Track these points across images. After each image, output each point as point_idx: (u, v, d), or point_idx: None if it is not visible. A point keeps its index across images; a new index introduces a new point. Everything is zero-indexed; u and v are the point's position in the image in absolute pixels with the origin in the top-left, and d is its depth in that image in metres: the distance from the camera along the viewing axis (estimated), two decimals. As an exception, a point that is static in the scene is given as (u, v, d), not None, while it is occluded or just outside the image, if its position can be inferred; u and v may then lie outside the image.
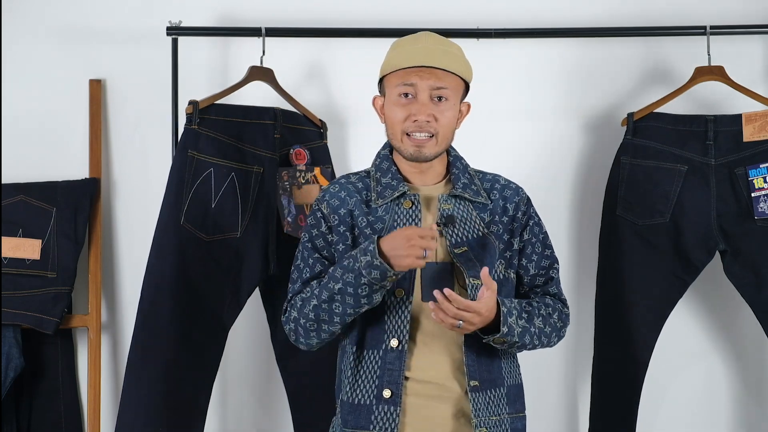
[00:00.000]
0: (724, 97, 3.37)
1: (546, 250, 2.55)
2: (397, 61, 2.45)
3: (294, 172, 3.21)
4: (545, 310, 2.48)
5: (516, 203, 2.52)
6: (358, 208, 2.47)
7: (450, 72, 2.44)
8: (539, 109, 3.46)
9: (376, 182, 2.49)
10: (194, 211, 3.11)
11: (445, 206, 2.46)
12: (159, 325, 3.06)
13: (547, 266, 2.54)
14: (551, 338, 2.49)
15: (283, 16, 3.40)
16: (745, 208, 3.21)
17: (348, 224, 2.47)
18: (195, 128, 3.12)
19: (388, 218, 2.46)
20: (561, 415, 3.47)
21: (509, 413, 2.45)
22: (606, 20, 3.42)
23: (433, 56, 2.43)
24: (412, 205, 2.46)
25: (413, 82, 2.42)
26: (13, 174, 3.32)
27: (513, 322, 2.36)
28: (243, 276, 3.15)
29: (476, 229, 2.47)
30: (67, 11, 3.40)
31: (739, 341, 3.48)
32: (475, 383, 2.40)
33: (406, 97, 2.44)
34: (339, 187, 2.51)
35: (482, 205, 2.50)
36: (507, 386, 2.46)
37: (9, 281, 3.19)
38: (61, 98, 3.39)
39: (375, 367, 2.41)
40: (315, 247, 2.48)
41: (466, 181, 2.50)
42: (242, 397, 3.45)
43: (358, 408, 2.41)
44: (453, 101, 2.45)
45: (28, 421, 3.26)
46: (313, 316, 2.40)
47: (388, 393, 2.39)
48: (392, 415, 2.38)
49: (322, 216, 2.49)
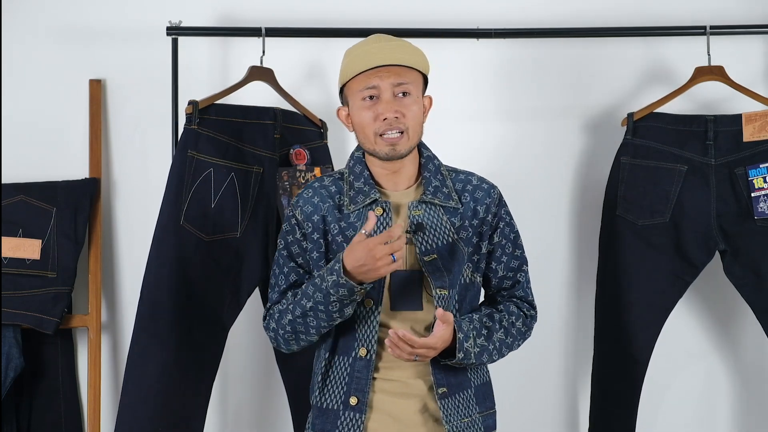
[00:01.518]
0: (724, 97, 3.38)
1: (516, 250, 2.56)
2: (355, 66, 2.46)
3: (294, 172, 3.21)
4: (507, 319, 2.50)
5: (486, 205, 2.52)
6: (331, 214, 2.50)
7: (408, 67, 2.46)
8: (539, 109, 3.46)
9: (349, 186, 2.51)
10: (194, 211, 3.11)
11: (415, 213, 2.47)
12: (158, 325, 3.06)
13: (516, 268, 2.55)
14: (513, 346, 2.53)
15: (283, 16, 3.40)
16: (745, 208, 3.21)
17: (321, 231, 2.50)
18: (195, 128, 3.12)
19: (360, 225, 2.47)
20: (561, 415, 3.47)
21: (479, 412, 2.50)
22: (606, 20, 3.42)
23: (390, 54, 2.45)
24: (383, 213, 2.47)
25: (375, 84, 2.44)
26: (13, 174, 3.32)
27: (470, 345, 2.41)
28: (243, 276, 3.15)
29: (446, 236, 2.48)
30: (67, 11, 3.40)
31: (739, 341, 3.48)
32: (443, 390, 2.45)
33: (371, 99, 2.45)
34: (312, 192, 2.53)
35: (453, 209, 2.50)
36: (474, 387, 2.50)
37: (9, 281, 3.19)
38: (61, 98, 3.39)
39: (344, 374, 2.47)
40: (290, 255, 2.53)
41: (437, 184, 2.50)
42: (242, 397, 3.45)
43: (326, 412, 2.48)
44: (416, 95, 2.47)
45: (28, 421, 3.26)
46: (290, 329, 2.47)
47: (355, 400, 2.44)
48: (357, 422, 2.44)
49: (297, 223, 2.52)
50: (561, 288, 3.47)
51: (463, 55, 3.43)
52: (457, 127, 3.43)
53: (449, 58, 3.41)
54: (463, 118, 3.45)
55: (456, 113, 3.44)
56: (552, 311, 3.44)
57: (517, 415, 3.43)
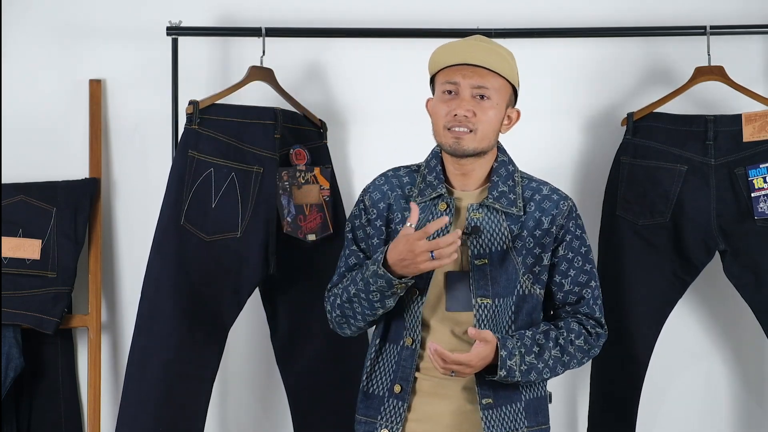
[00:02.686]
0: (724, 97, 3.37)
1: (586, 265, 2.54)
2: (442, 59, 2.50)
3: (294, 172, 3.21)
4: (566, 337, 2.47)
5: (552, 216, 2.51)
6: (397, 203, 2.53)
7: (493, 71, 2.47)
8: (539, 109, 3.46)
9: (422, 178, 2.54)
10: (194, 211, 3.11)
11: (474, 215, 2.48)
12: (159, 325, 3.06)
13: (583, 283, 2.53)
14: (570, 364, 2.49)
15: (283, 16, 3.40)
16: (745, 208, 3.21)
17: (384, 218, 2.54)
18: (195, 128, 3.12)
19: (423, 218, 2.49)
20: (561, 415, 3.47)
21: (528, 427, 2.47)
22: (606, 20, 3.41)
23: (476, 54, 2.47)
24: (447, 209, 2.49)
25: (456, 80, 2.47)
26: (13, 174, 3.31)
27: (514, 363, 2.38)
28: (243, 276, 3.15)
29: (501, 242, 2.48)
30: (67, 11, 3.39)
31: (739, 341, 3.48)
32: (488, 400, 2.43)
33: (450, 94, 2.48)
34: (384, 179, 2.58)
35: (515, 216, 2.50)
36: (525, 401, 2.47)
37: (9, 281, 3.18)
38: (61, 98, 3.38)
39: (392, 362, 2.49)
40: (354, 238, 2.58)
41: (504, 189, 2.50)
42: (242, 397, 3.45)
43: (371, 398, 2.51)
44: (496, 101, 2.48)
45: (28, 421, 3.26)
46: (339, 312, 2.51)
47: (398, 388, 2.46)
48: (399, 410, 2.45)
49: (364, 207, 2.57)
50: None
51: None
52: (457, 127, 3.43)
53: (449, 58, 3.42)
54: (463, 118, 3.45)
55: (456, 113, 3.44)
56: (552, 311, 3.44)
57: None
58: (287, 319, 3.23)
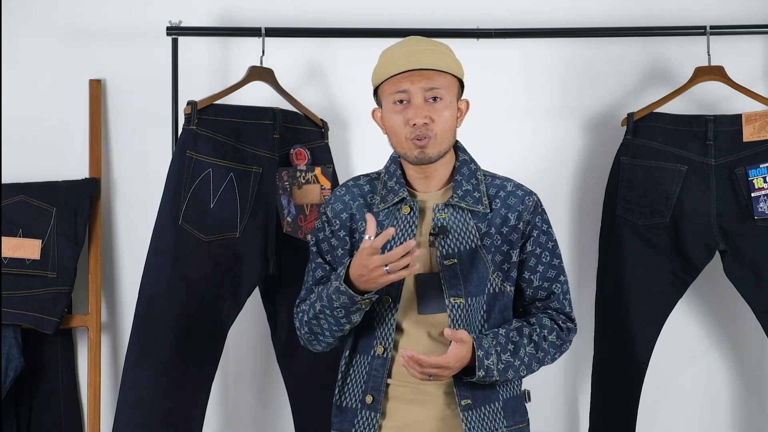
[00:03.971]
0: (724, 97, 3.37)
1: (554, 260, 2.52)
2: (387, 69, 2.45)
3: (294, 172, 3.21)
4: (538, 333, 2.46)
5: (519, 212, 2.48)
6: (360, 212, 2.50)
7: (440, 71, 2.44)
8: (539, 109, 3.46)
9: (383, 185, 2.51)
10: (193, 211, 3.11)
11: (440, 216, 2.45)
12: (156, 325, 3.06)
13: (552, 278, 2.51)
14: (545, 361, 2.48)
15: (283, 16, 3.40)
16: (745, 208, 3.20)
17: (348, 228, 2.50)
18: (193, 128, 3.12)
19: (387, 223, 2.47)
20: (561, 415, 3.47)
21: (507, 426, 2.45)
22: (606, 20, 3.41)
23: (421, 58, 2.43)
24: (411, 212, 2.46)
25: (405, 88, 2.43)
26: (13, 174, 3.32)
27: (491, 362, 2.37)
28: (242, 276, 3.15)
29: (469, 241, 2.46)
30: (67, 11, 3.40)
31: (739, 341, 3.48)
32: (467, 402, 2.41)
33: (402, 103, 2.44)
34: (345, 190, 2.55)
35: (481, 214, 2.47)
36: (503, 400, 2.46)
37: (9, 281, 3.19)
38: (61, 98, 3.39)
39: (363, 373, 2.46)
40: (319, 251, 2.54)
41: (468, 188, 2.48)
42: (242, 397, 3.45)
43: (344, 411, 2.47)
44: (448, 99, 2.45)
45: (28, 421, 3.26)
46: (308, 329, 2.49)
47: (370, 399, 2.43)
48: (372, 421, 2.43)
49: (327, 219, 2.53)
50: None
51: (463, 55, 3.41)
52: (456, 127, 3.44)
53: (449, 58, 3.42)
54: (463, 118, 3.45)
55: (456, 113, 3.44)
56: (552, 311, 3.44)
57: (517, 415, 3.43)
58: (288, 319, 3.23)
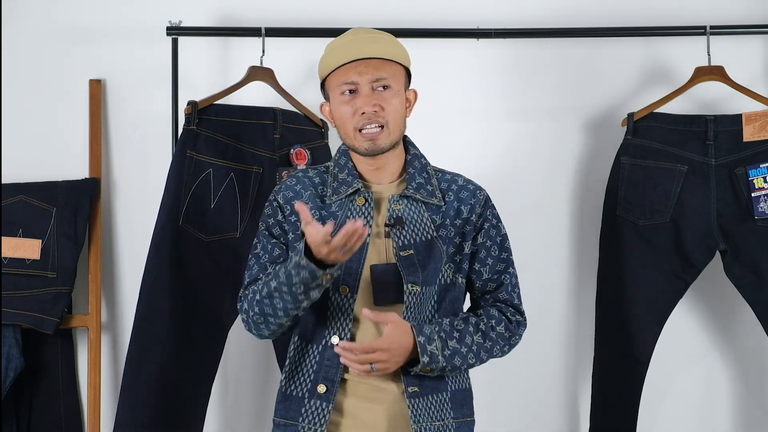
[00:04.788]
0: (724, 97, 3.37)
1: (503, 253, 2.52)
2: (332, 61, 2.45)
3: (294, 171, 3.20)
4: (486, 323, 2.45)
5: (471, 205, 2.50)
6: (312, 202, 2.48)
7: (386, 59, 2.44)
8: (539, 109, 3.46)
9: (333, 178, 2.50)
10: (193, 211, 3.11)
11: (395, 207, 2.46)
12: (157, 326, 3.06)
13: (501, 270, 2.51)
14: (493, 351, 2.45)
15: (283, 16, 3.40)
16: (745, 208, 3.21)
17: (299, 214, 2.43)
18: (194, 128, 3.12)
19: (341, 214, 2.46)
20: (561, 415, 3.47)
21: (454, 418, 2.44)
22: (606, 20, 3.41)
23: (366, 47, 2.43)
24: (365, 203, 2.46)
25: (352, 78, 2.43)
26: (13, 174, 3.32)
27: (435, 348, 2.35)
28: (243, 276, 3.14)
29: (425, 232, 2.46)
30: (67, 11, 3.39)
31: (739, 341, 3.48)
32: (414, 389, 2.39)
33: (350, 93, 2.44)
34: (295, 180, 2.53)
35: (435, 207, 2.48)
36: (451, 391, 2.45)
37: (9, 281, 3.19)
38: (61, 98, 3.38)
39: (313, 362, 2.42)
40: (271, 234, 2.49)
41: (421, 181, 2.48)
42: (242, 397, 3.45)
43: (290, 399, 2.43)
44: (396, 88, 2.45)
45: (28, 421, 3.26)
46: (258, 310, 2.40)
47: (323, 388, 2.39)
48: (323, 411, 2.38)
49: (278, 206, 2.50)
50: (561, 288, 3.47)
51: (463, 55, 3.43)
52: (456, 127, 3.43)
53: (449, 58, 3.41)
54: (463, 118, 3.45)
55: (455, 113, 3.44)
56: (552, 311, 3.44)
57: (517, 416, 3.43)
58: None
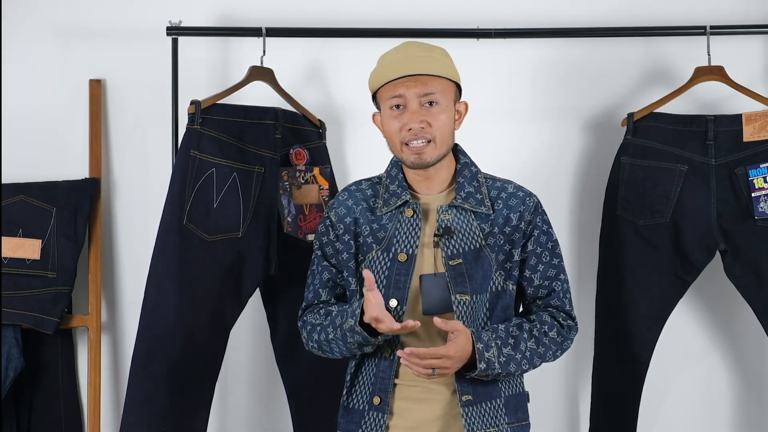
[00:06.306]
0: (724, 97, 3.38)
1: (554, 259, 2.55)
2: (383, 75, 2.49)
3: (294, 172, 3.21)
4: (539, 329, 2.49)
5: (520, 212, 2.52)
6: (363, 216, 2.53)
7: (435, 76, 2.46)
8: (539, 109, 3.47)
9: (385, 189, 2.54)
10: (197, 211, 3.10)
11: (444, 217, 2.48)
12: (162, 325, 3.05)
13: (552, 277, 2.54)
14: (546, 356, 2.51)
15: (283, 16, 3.40)
16: (745, 208, 3.21)
17: (352, 233, 2.53)
18: (197, 128, 3.12)
19: (391, 226, 2.50)
20: (561, 415, 3.48)
21: (509, 423, 2.48)
22: (606, 20, 3.42)
23: (416, 63, 2.46)
24: (414, 214, 2.49)
25: (401, 93, 2.46)
26: (13, 174, 3.31)
27: (492, 355, 2.39)
28: (244, 276, 3.14)
29: (474, 241, 2.49)
30: (67, 11, 3.39)
31: (739, 341, 3.48)
32: (468, 397, 2.43)
33: (398, 108, 2.47)
34: (347, 194, 2.58)
35: (484, 215, 2.51)
36: (505, 397, 2.49)
37: (9, 281, 3.18)
38: (61, 98, 3.38)
39: (371, 375, 2.50)
40: (324, 255, 2.58)
41: (471, 190, 2.51)
42: (242, 397, 3.45)
43: (352, 412, 2.51)
44: (445, 103, 2.48)
45: (28, 421, 3.25)
46: (317, 347, 2.55)
47: (378, 400, 2.47)
48: (380, 421, 2.46)
49: (331, 224, 2.57)
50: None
51: (463, 55, 3.41)
52: (456, 127, 3.44)
53: (449, 58, 3.42)
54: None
55: (456, 113, 3.44)
56: (552, 311, 3.44)
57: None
58: (287, 319, 3.23)
